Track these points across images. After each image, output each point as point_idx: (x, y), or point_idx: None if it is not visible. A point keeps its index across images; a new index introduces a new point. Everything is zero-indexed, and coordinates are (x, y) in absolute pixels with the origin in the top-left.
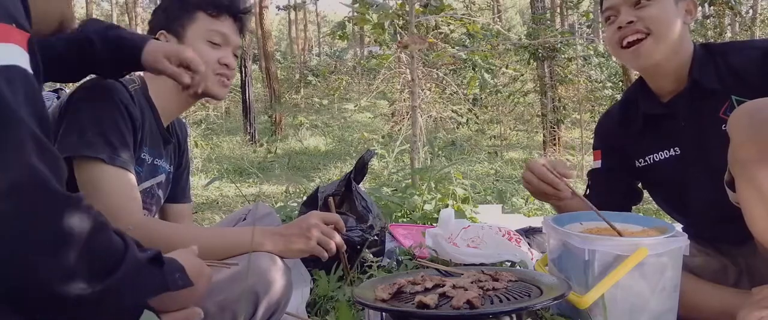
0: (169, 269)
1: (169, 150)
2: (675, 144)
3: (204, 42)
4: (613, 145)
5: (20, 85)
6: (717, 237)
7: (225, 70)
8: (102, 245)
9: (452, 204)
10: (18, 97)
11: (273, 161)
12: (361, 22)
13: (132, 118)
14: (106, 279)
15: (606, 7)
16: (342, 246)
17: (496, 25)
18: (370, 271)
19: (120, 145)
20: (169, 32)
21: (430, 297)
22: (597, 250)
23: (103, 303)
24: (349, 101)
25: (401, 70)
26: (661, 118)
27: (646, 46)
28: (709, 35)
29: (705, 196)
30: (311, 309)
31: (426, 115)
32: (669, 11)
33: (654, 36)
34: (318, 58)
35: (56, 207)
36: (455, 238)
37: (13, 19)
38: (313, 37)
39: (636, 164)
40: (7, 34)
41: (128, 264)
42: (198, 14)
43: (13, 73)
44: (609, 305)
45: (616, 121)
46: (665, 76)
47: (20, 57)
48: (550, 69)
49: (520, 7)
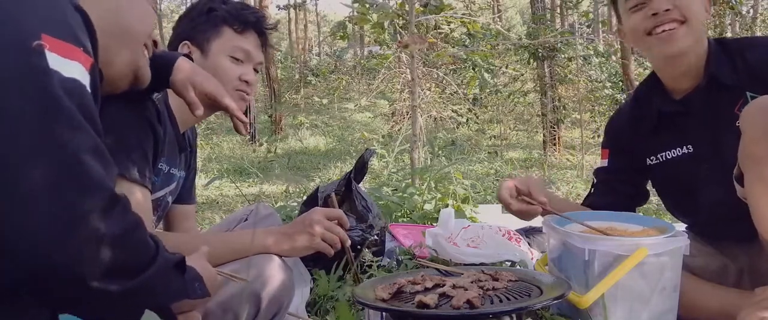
0: (189, 277)
1: (183, 156)
2: (688, 141)
3: (226, 57)
4: (623, 144)
5: (78, 96)
6: (722, 235)
7: (245, 86)
8: (139, 243)
9: (452, 204)
10: (74, 102)
11: (273, 161)
12: (362, 21)
13: (155, 133)
14: (138, 277)
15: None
16: (347, 241)
17: (496, 24)
18: (370, 271)
19: (139, 160)
20: (193, 43)
21: (430, 297)
22: (597, 250)
23: (130, 299)
24: (349, 101)
25: (401, 69)
26: (675, 115)
27: (680, 33)
28: (710, 35)
29: (715, 194)
30: (311, 309)
31: (426, 115)
32: (698, 4)
33: (688, 24)
34: (318, 58)
35: (104, 202)
36: (455, 238)
37: (80, 43)
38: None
39: (647, 162)
40: (74, 54)
41: (159, 264)
42: (224, 29)
43: (73, 85)
44: (609, 305)
45: (628, 119)
46: (683, 69)
47: (82, 75)
48: (550, 69)
49: (520, 7)
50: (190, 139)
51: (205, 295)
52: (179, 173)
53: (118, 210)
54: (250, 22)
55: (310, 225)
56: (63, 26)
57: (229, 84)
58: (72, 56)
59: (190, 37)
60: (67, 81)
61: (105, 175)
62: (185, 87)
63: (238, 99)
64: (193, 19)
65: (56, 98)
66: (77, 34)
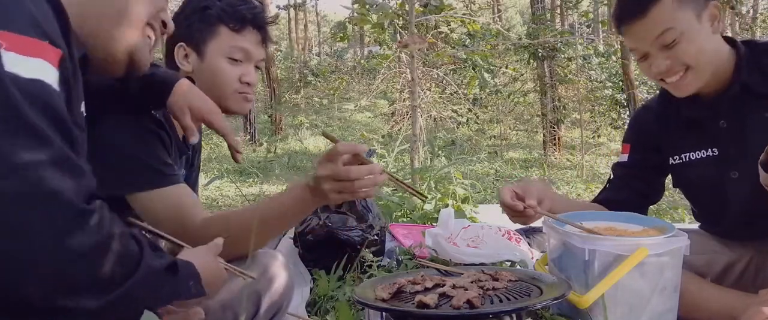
0: (183, 276)
1: (184, 158)
2: (713, 144)
3: (224, 58)
4: (647, 139)
5: (42, 99)
6: (742, 235)
7: (246, 88)
8: (116, 255)
9: (452, 204)
10: (36, 109)
11: (273, 161)
12: (362, 22)
13: (161, 140)
14: (116, 290)
15: (630, 47)
16: (376, 182)
17: (496, 24)
18: (370, 271)
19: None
20: (189, 44)
21: (430, 297)
22: (597, 250)
23: (112, 311)
24: (349, 101)
25: (401, 69)
26: (702, 118)
27: (688, 79)
28: None
29: (740, 198)
30: (311, 309)
31: (426, 115)
32: (700, 39)
33: (693, 70)
34: (318, 58)
35: (66, 219)
36: (455, 238)
37: (45, 36)
38: (313, 37)
39: (670, 161)
40: (36, 49)
41: (143, 273)
42: (220, 28)
43: (35, 88)
44: (609, 305)
45: (655, 115)
46: (706, 85)
47: (48, 73)
48: (550, 69)
49: (520, 7)
50: None
51: (200, 294)
52: (180, 171)
53: (87, 223)
54: (247, 18)
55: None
56: (22, 18)
57: (229, 87)
58: (34, 52)
59: (186, 38)
60: (28, 84)
61: (71, 188)
62: (182, 111)
63: (241, 101)
64: (187, 17)
65: (15, 107)
66: (41, 25)
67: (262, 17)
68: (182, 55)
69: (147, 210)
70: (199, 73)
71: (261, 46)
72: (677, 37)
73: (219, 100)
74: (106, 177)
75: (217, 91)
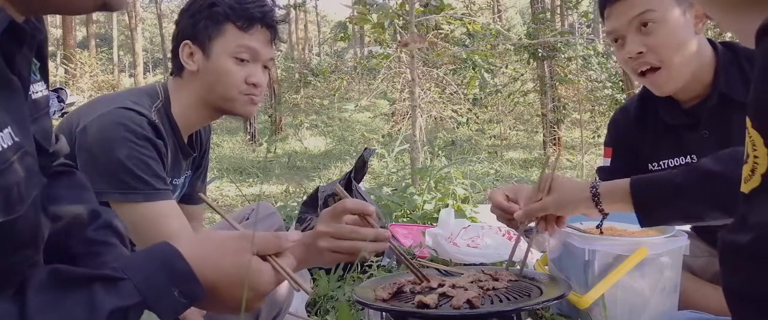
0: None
1: (188, 161)
2: (693, 151)
3: (230, 58)
4: (626, 143)
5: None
6: None
7: (252, 89)
8: None
9: (452, 204)
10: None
11: (273, 161)
12: (362, 22)
13: (156, 148)
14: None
15: (608, 30)
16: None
17: (496, 24)
18: (370, 271)
19: (150, 177)
20: (194, 42)
21: (430, 297)
22: (597, 250)
23: None
24: (349, 101)
25: (401, 69)
26: (683, 126)
27: (662, 78)
28: (709, 35)
29: None
30: (311, 309)
31: (426, 115)
32: (678, 33)
33: (666, 68)
34: (318, 58)
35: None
36: (455, 238)
37: None
38: (313, 37)
39: (649, 167)
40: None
41: None
42: (227, 26)
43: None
44: (609, 305)
45: (633, 118)
46: (686, 88)
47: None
48: (550, 69)
49: (520, 7)
50: (201, 135)
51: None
52: (183, 179)
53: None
54: (257, 17)
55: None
56: None
57: (235, 89)
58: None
59: (192, 36)
60: None
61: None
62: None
63: (246, 104)
64: (193, 15)
65: None
66: None
67: (272, 15)
68: (187, 53)
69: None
70: (204, 72)
71: (270, 46)
72: (656, 20)
73: (224, 101)
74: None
75: (222, 91)
